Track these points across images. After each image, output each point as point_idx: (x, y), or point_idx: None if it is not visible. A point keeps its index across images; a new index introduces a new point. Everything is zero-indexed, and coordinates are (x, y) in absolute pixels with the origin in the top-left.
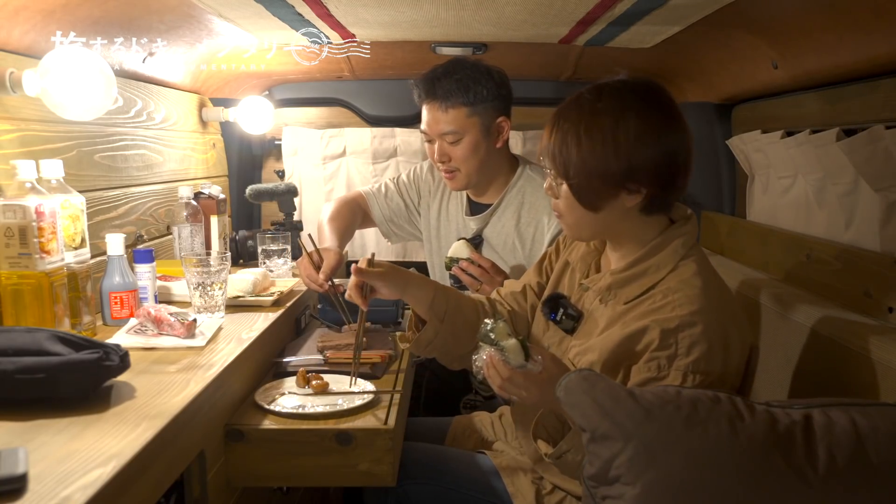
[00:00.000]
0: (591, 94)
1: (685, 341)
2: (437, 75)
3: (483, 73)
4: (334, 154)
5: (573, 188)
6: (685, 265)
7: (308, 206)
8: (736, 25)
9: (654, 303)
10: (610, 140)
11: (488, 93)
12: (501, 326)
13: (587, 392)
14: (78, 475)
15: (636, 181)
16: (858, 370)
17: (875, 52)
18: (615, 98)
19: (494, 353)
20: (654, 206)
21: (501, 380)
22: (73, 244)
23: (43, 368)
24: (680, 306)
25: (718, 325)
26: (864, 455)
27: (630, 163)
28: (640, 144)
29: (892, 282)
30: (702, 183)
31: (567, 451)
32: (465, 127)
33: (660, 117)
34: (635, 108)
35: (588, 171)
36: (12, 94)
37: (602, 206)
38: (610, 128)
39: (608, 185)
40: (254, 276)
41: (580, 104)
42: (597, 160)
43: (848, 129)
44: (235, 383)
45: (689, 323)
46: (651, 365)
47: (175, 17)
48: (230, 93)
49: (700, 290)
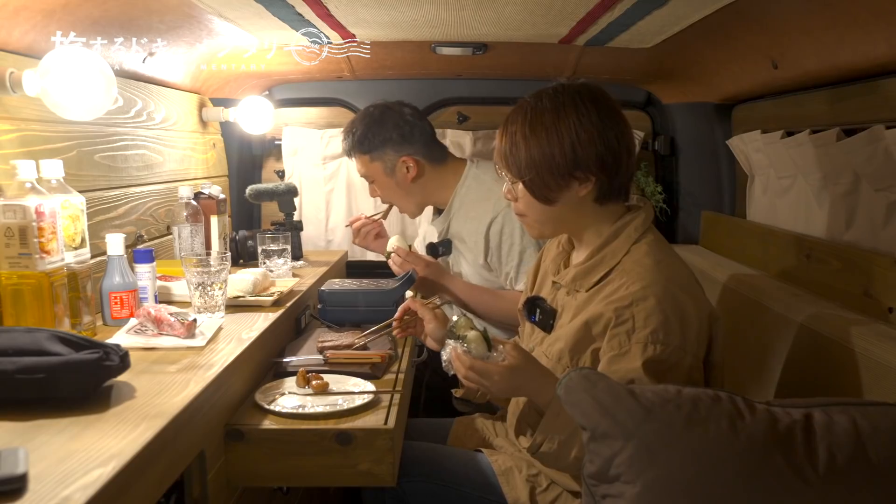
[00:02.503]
0: (532, 97)
1: (640, 314)
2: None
3: (375, 120)
4: (334, 154)
5: (527, 185)
6: (637, 247)
7: (308, 206)
8: (736, 25)
9: (612, 285)
10: (553, 133)
11: (382, 140)
12: (463, 321)
13: (588, 391)
14: (78, 475)
15: (583, 169)
16: (858, 370)
17: (875, 52)
18: (553, 98)
19: (457, 345)
20: (607, 194)
21: (465, 370)
22: (73, 244)
23: (43, 368)
24: (632, 283)
25: (671, 297)
26: (864, 455)
27: (575, 152)
28: (581, 134)
29: (892, 282)
30: (702, 183)
31: (542, 442)
32: (370, 171)
33: (596, 110)
34: (573, 103)
35: (537, 165)
36: (12, 94)
37: (556, 199)
38: (552, 122)
39: (558, 177)
40: (254, 276)
41: (523, 108)
42: (543, 154)
43: (848, 129)
44: (235, 383)
45: (641, 297)
46: (613, 343)
47: (175, 17)
48: (230, 93)
49: (650, 267)
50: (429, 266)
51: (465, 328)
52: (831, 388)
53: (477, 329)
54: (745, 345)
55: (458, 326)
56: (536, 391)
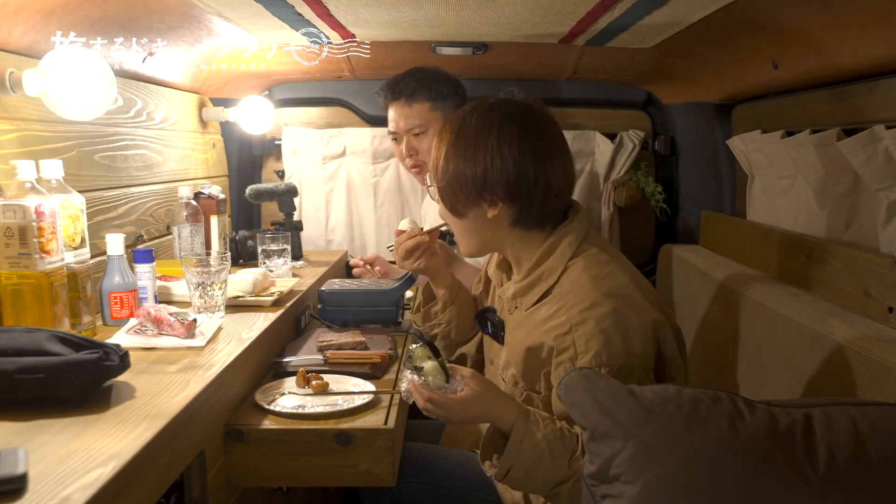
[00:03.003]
0: (469, 107)
1: (581, 339)
2: (400, 78)
3: (441, 74)
4: (334, 154)
5: (440, 192)
6: (573, 265)
7: (308, 206)
8: (736, 25)
9: (549, 310)
10: (471, 148)
11: (447, 90)
12: (420, 351)
13: (588, 391)
14: (78, 475)
15: (490, 192)
16: (858, 370)
17: (875, 52)
18: (484, 113)
19: (414, 377)
20: (523, 221)
21: (423, 402)
22: (73, 244)
23: (43, 368)
24: (570, 307)
25: (610, 314)
26: (864, 455)
27: (485, 173)
28: (495, 159)
29: (892, 282)
30: (702, 183)
31: (510, 468)
32: (428, 120)
33: (520, 137)
34: (498, 125)
35: (449, 174)
36: (12, 94)
37: (465, 213)
38: (473, 137)
39: (466, 191)
40: (254, 276)
41: (460, 116)
42: (456, 165)
43: (848, 129)
44: (235, 383)
45: (579, 321)
46: (559, 370)
47: (175, 17)
48: (230, 93)
49: (588, 288)
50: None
51: (422, 359)
52: (831, 388)
53: (433, 359)
54: (745, 345)
55: (415, 357)
56: (498, 417)
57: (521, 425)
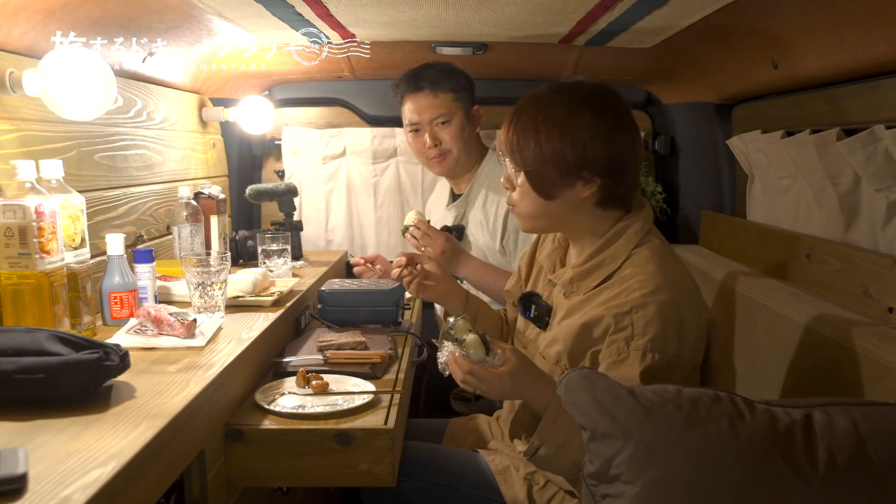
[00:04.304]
0: (548, 89)
1: (640, 322)
2: (420, 70)
3: (457, 68)
4: (334, 154)
5: (529, 176)
6: (638, 252)
7: (308, 206)
8: (736, 25)
9: (611, 291)
10: (567, 130)
11: (466, 83)
12: (461, 323)
13: (587, 390)
14: (78, 475)
15: (590, 171)
16: (858, 370)
17: (875, 52)
18: (571, 93)
19: (455, 348)
20: (609, 200)
21: (463, 374)
22: (72, 244)
23: (43, 368)
24: (633, 291)
25: (671, 306)
26: (864, 455)
27: (585, 153)
28: (593, 137)
29: (892, 282)
30: (702, 183)
31: (539, 447)
32: (452, 110)
33: (611, 115)
34: (589, 102)
35: (544, 159)
36: (12, 94)
37: (556, 195)
38: (566, 119)
39: (563, 174)
40: (254, 276)
41: (537, 98)
42: (553, 149)
43: (848, 129)
44: (235, 383)
45: (641, 304)
46: (612, 349)
47: (175, 17)
48: (230, 93)
49: (652, 274)
50: (448, 241)
51: (463, 331)
52: (831, 388)
53: (475, 332)
54: (745, 345)
55: (456, 329)
56: (533, 395)
57: (555, 404)
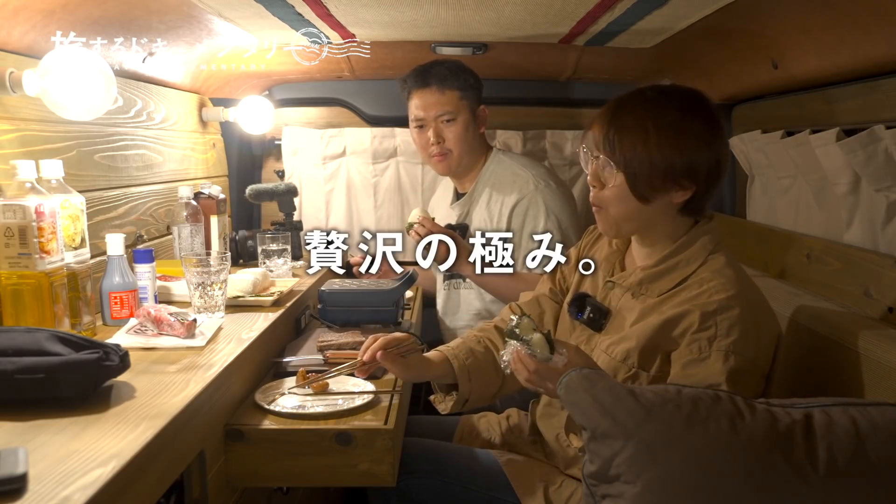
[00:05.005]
0: (655, 91)
1: (724, 323)
2: (428, 66)
3: (466, 66)
4: (334, 154)
5: (629, 178)
6: (714, 258)
7: (308, 206)
8: (736, 25)
9: (690, 292)
10: (681, 135)
11: (474, 81)
12: (526, 322)
13: (587, 390)
14: (78, 475)
15: (690, 178)
16: (858, 370)
17: (875, 52)
18: (682, 98)
19: (521, 347)
20: (693, 206)
21: (528, 373)
22: (72, 244)
23: (43, 368)
24: (717, 292)
25: (752, 312)
26: (864, 455)
27: (690, 160)
28: (700, 144)
29: (892, 282)
30: None
31: None
32: (458, 108)
33: (715, 122)
34: (697, 109)
35: (652, 163)
36: (12, 94)
37: (653, 199)
38: (678, 124)
39: (666, 180)
40: (254, 276)
41: (645, 99)
42: (663, 154)
43: (848, 129)
44: (235, 383)
45: (727, 306)
46: (693, 347)
47: (175, 17)
48: (230, 93)
49: (733, 279)
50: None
51: (528, 330)
52: (831, 388)
53: (540, 331)
54: None
55: (521, 328)
56: None
57: None
